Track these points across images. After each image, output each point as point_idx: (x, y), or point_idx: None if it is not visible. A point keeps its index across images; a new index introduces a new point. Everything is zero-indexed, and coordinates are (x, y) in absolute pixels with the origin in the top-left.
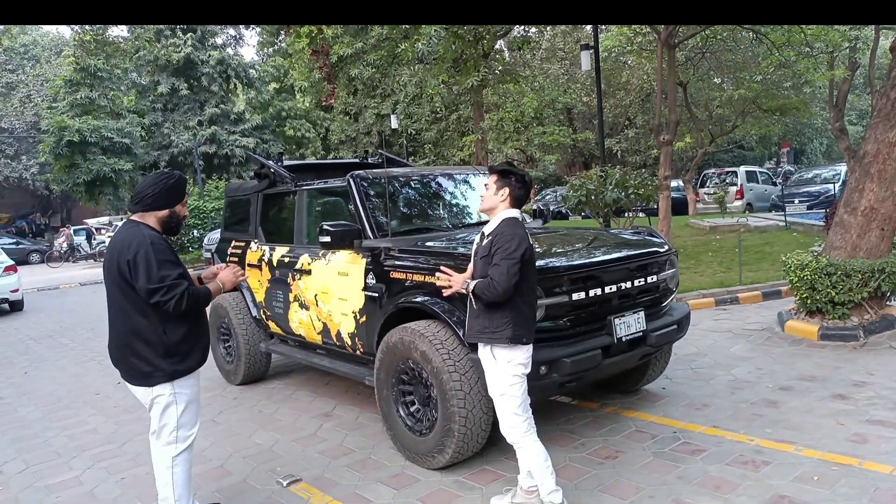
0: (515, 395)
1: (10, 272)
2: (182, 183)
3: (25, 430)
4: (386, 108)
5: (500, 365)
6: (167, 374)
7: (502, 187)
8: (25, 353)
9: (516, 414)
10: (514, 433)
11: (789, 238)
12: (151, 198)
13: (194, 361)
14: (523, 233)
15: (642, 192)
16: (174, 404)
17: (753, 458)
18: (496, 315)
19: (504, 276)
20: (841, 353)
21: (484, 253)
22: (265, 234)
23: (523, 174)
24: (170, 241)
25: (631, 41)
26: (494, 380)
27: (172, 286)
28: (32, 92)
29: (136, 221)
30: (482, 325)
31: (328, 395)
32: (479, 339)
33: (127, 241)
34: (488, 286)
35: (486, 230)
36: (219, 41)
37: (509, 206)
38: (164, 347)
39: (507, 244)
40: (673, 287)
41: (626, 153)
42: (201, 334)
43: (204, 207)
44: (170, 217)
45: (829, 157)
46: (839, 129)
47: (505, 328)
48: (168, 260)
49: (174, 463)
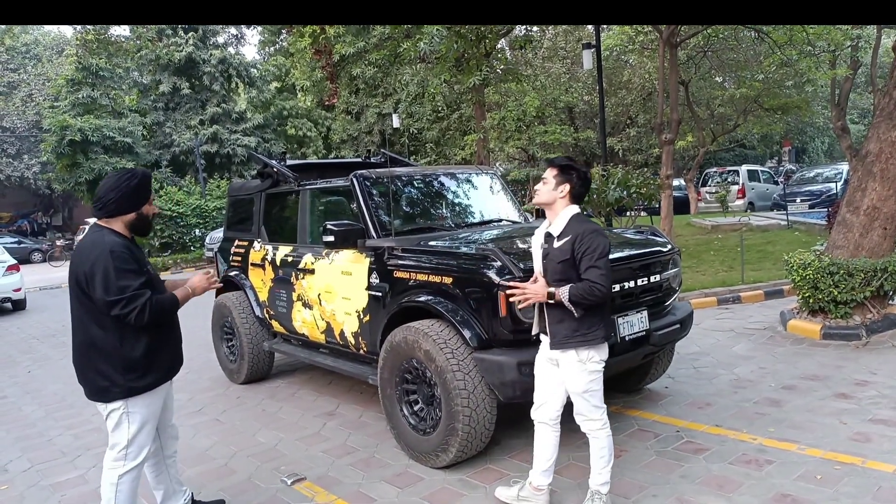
0: (598, 390)
1: (12, 271)
2: (146, 181)
3: (30, 429)
4: (387, 108)
5: (584, 363)
6: (123, 391)
7: (562, 182)
8: (29, 352)
9: (597, 406)
10: (594, 425)
11: (791, 237)
12: (115, 203)
13: (154, 378)
14: (601, 228)
15: (644, 192)
16: (126, 423)
17: (756, 457)
18: (589, 317)
19: (605, 276)
20: (843, 353)
21: (563, 256)
22: (268, 234)
23: (586, 170)
24: (137, 246)
25: (633, 40)
26: (576, 380)
27: (132, 298)
28: (34, 91)
29: (101, 227)
30: (571, 330)
31: (331, 394)
32: (569, 346)
33: (88, 249)
34: (590, 291)
35: (552, 231)
36: (220, 40)
37: (569, 203)
38: (122, 361)
39: (595, 243)
40: (676, 286)
41: (627, 152)
42: (167, 349)
43: (206, 206)
44: (137, 219)
45: (831, 156)
46: (841, 128)
47: (597, 328)
48: (128, 269)
49: (119, 481)
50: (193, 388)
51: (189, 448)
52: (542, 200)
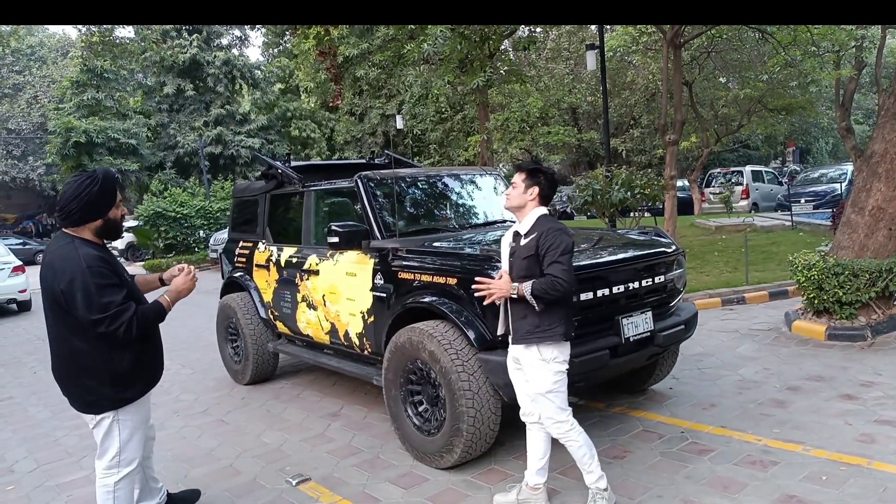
0: (560, 391)
1: (18, 272)
2: (108, 184)
3: (36, 430)
4: (391, 109)
5: (547, 362)
6: (112, 403)
7: (531, 186)
8: (34, 353)
9: (561, 409)
10: (561, 428)
11: (795, 238)
12: (78, 212)
13: (140, 389)
14: (566, 227)
15: (648, 192)
16: (117, 430)
17: (761, 458)
18: (550, 313)
19: (567, 271)
20: (848, 353)
21: (528, 252)
22: (273, 235)
23: (552, 172)
24: (109, 252)
25: (636, 41)
26: (539, 379)
27: (117, 314)
28: (39, 93)
29: (70, 236)
30: (532, 325)
31: (335, 394)
32: (529, 340)
33: (60, 264)
34: (552, 285)
35: (520, 230)
36: (224, 42)
37: (538, 205)
38: (110, 375)
39: (558, 240)
40: (680, 287)
41: (631, 153)
42: (151, 358)
43: (210, 208)
44: (105, 225)
45: (835, 157)
46: (845, 129)
47: (558, 325)
48: (109, 284)
49: (115, 488)
50: (198, 389)
51: (194, 449)
52: (513, 204)
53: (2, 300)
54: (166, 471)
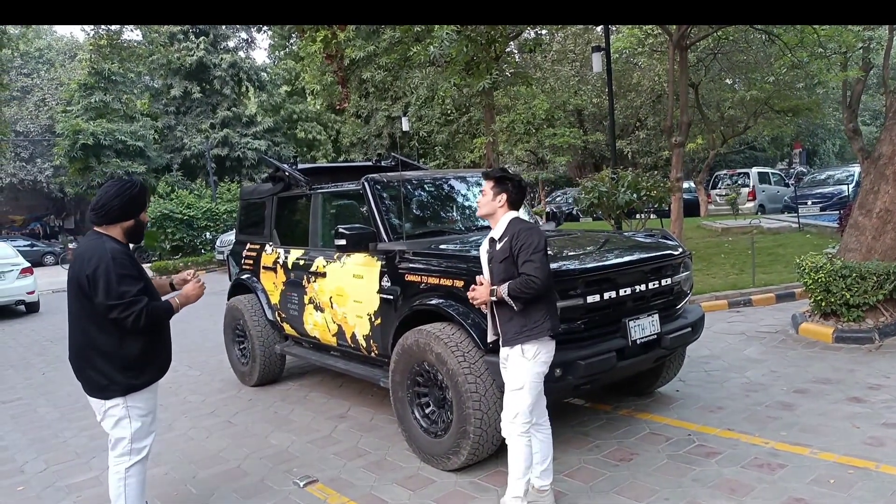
0: (532, 393)
1: (26, 274)
2: (144, 191)
3: (45, 430)
4: (397, 111)
5: (528, 360)
6: (122, 388)
7: (499, 193)
8: (42, 354)
9: (524, 412)
10: (512, 429)
11: (802, 240)
12: (118, 210)
13: (150, 376)
14: (536, 225)
15: (654, 194)
16: (127, 418)
17: (769, 461)
18: (533, 311)
19: (539, 268)
20: (856, 356)
21: (503, 255)
22: (280, 237)
23: (519, 179)
24: (131, 253)
25: (642, 43)
26: (517, 374)
27: (131, 303)
28: (47, 96)
29: (100, 233)
30: (520, 326)
31: (342, 396)
32: (520, 341)
33: (88, 254)
34: (526, 284)
35: (494, 235)
36: (231, 45)
37: (508, 210)
38: (121, 361)
39: (529, 238)
40: (687, 289)
41: (636, 155)
42: (160, 349)
43: (216, 210)
44: (135, 226)
45: (842, 158)
46: (852, 130)
47: (544, 321)
48: (129, 275)
49: (127, 475)
50: (206, 391)
51: (202, 450)
52: (484, 212)
53: (10, 301)
54: (174, 472)
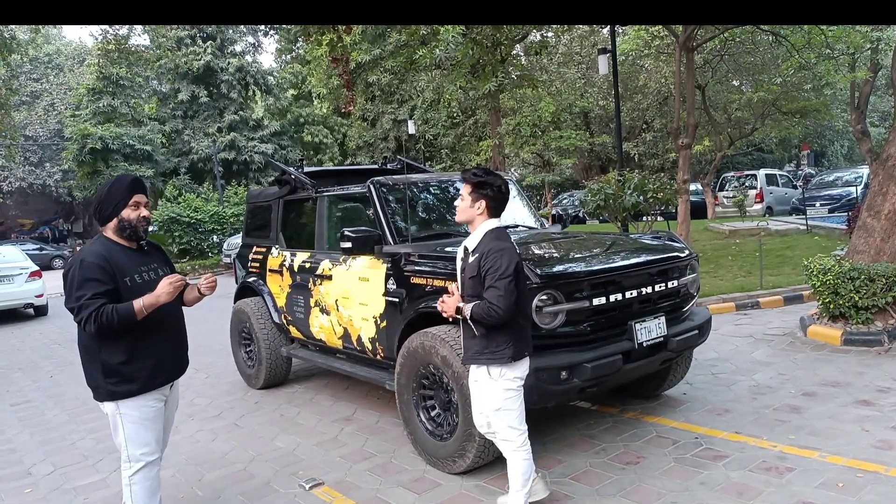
0: (512, 409)
1: (34, 277)
2: (119, 186)
3: (53, 433)
4: (403, 114)
5: (495, 380)
6: (107, 394)
7: (478, 199)
8: (51, 357)
9: (513, 427)
10: (508, 446)
11: (810, 242)
12: (96, 212)
13: (138, 386)
14: (510, 245)
15: (661, 196)
16: (120, 424)
17: (777, 465)
18: (496, 336)
19: (503, 297)
20: (865, 359)
21: (472, 272)
22: (286, 240)
23: (500, 184)
24: (131, 252)
25: (648, 45)
26: (489, 396)
27: (82, 307)
28: (56, 100)
29: (99, 235)
30: (480, 347)
31: (348, 399)
32: (478, 362)
33: (74, 258)
34: (488, 311)
35: (468, 244)
36: (238, 49)
37: (487, 217)
38: (101, 366)
39: (498, 262)
40: (694, 292)
41: (643, 157)
42: (145, 356)
43: (223, 213)
44: (120, 225)
45: (850, 160)
46: (861, 132)
47: (506, 347)
48: (90, 278)
49: (131, 482)
50: (212, 393)
51: (208, 452)
52: (462, 218)
53: (19, 304)
54: (181, 474)
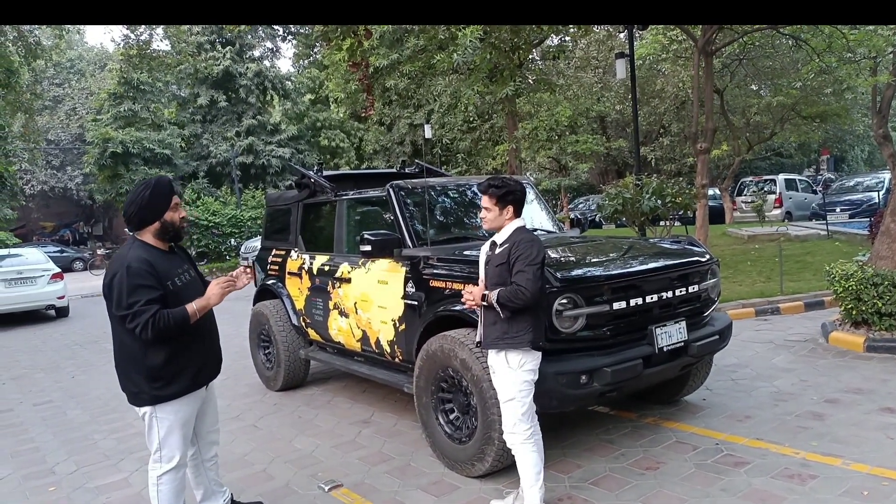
0: (524, 401)
1: (56, 279)
2: (159, 189)
3: (75, 433)
4: (420, 118)
5: (514, 369)
6: (149, 398)
7: (505, 206)
8: (72, 358)
9: (521, 420)
10: (515, 439)
11: (831, 247)
12: (136, 216)
13: (180, 387)
14: (538, 238)
15: (679, 201)
16: (156, 427)
17: (800, 472)
18: (518, 321)
19: (531, 281)
20: (888, 366)
21: (501, 260)
22: (305, 243)
23: (517, 186)
24: (171, 255)
25: (666, 49)
26: (505, 384)
27: (137, 313)
28: (78, 105)
29: (134, 239)
30: (501, 332)
31: (366, 401)
32: (498, 346)
33: (114, 263)
34: (516, 293)
35: (497, 240)
36: (256, 54)
37: (514, 218)
38: (146, 370)
39: (529, 250)
40: (714, 297)
41: (660, 161)
42: (189, 357)
43: (241, 216)
44: (162, 228)
45: (871, 165)
46: (882, 136)
47: (525, 332)
48: (141, 285)
49: (159, 482)
50: (231, 395)
51: (228, 453)
52: (491, 227)
53: (41, 306)
54: None
